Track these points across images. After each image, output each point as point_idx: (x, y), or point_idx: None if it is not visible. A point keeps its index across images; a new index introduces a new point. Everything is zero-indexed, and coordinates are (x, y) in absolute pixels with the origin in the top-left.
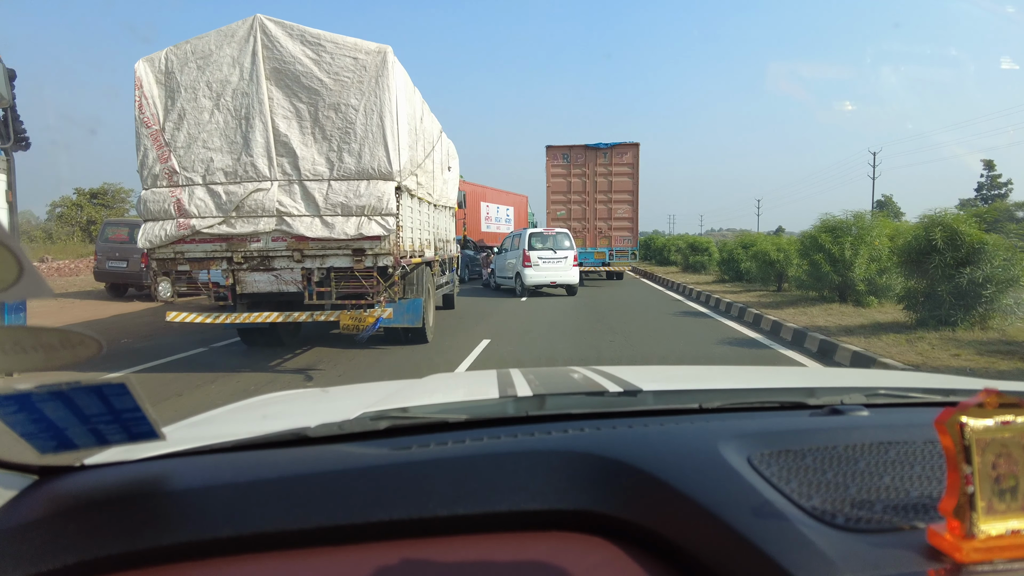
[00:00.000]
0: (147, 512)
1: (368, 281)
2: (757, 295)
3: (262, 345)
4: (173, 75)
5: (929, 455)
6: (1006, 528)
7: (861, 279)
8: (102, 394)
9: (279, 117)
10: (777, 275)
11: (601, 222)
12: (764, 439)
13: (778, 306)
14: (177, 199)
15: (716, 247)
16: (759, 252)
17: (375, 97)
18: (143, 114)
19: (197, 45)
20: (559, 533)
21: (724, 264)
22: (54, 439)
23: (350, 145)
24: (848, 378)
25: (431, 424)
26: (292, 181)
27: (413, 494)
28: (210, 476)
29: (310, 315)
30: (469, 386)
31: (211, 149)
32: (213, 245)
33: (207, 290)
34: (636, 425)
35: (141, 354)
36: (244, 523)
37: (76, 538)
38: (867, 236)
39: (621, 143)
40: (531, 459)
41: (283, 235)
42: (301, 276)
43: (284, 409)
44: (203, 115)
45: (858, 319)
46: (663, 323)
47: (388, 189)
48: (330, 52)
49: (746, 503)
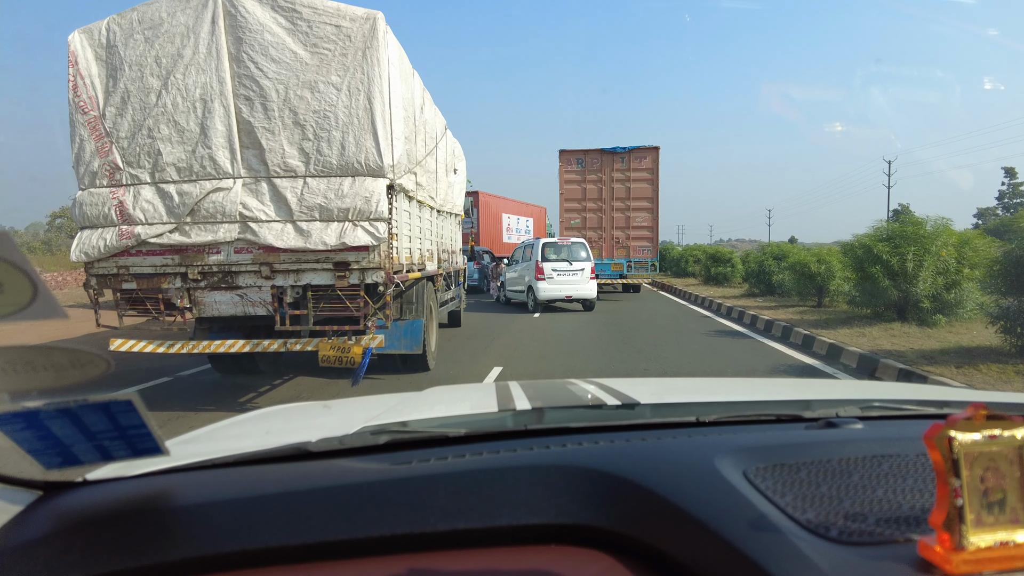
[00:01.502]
0: (153, 527)
1: (354, 302)
2: (796, 311)
3: (235, 373)
4: (115, 49)
5: (921, 468)
6: (994, 540)
7: (926, 295)
8: (109, 411)
9: (242, 99)
10: (817, 289)
11: (619, 231)
12: (760, 453)
13: (827, 325)
14: (119, 201)
15: (739, 258)
16: (797, 264)
17: (361, 74)
18: (79, 97)
19: (145, 12)
20: (558, 547)
21: (754, 276)
22: (59, 455)
23: (330, 133)
24: (844, 390)
25: (431, 438)
26: (259, 178)
27: (414, 509)
28: (214, 491)
29: (283, 343)
30: (468, 399)
31: (160, 139)
32: (163, 258)
33: (157, 313)
34: (634, 439)
35: (90, 386)
36: (248, 538)
37: (84, 554)
38: (931, 245)
39: (640, 147)
40: (530, 474)
41: (248, 245)
42: (271, 296)
43: (285, 424)
44: (150, 97)
45: (932, 342)
46: (699, 345)
47: (378, 188)
48: (307, 19)
49: (742, 517)
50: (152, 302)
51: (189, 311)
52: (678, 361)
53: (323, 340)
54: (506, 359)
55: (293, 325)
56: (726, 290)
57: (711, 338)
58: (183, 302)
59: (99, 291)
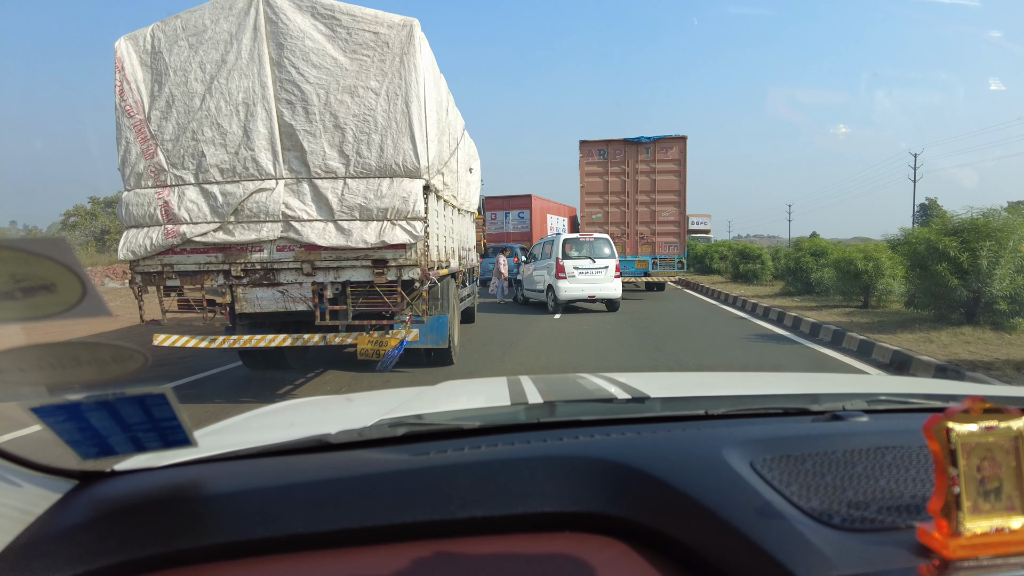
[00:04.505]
0: (185, 515)
1: (391, 297)
2: (842, 313)
3: (263, 368)
4: (160, 55)
5: (923, 459)
6: (990, 526)
7: (1003, 295)
8: (144, 404)
9: (284, 103)
10: (863, 288)
11: (643, 226)
12: (767, 445)
13: (882, 328)
14: (165, 201)
15: (768, 254)
16: (842, 261)
17: (399, 79)
18: (125, 101)
19: (189, 20)
20: (573, 534)
21: (790, 274)
22: (96, 445)
23: (369, 136)
24: (851, 384)
25: (447, 431)
26: (300, 179)
27: (433, 497)
28: (241, 481)
29: (322, 338)
30: (481, 393)
31: (204, 141)
32: (207, 256)
33: (200, 310)
34: (644, 431)
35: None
36: (275, 525)
37: (121, 539)
38: (1007, 240)
39: (666, 136)
40: (545, 464)
41: (290, 244)
42: (312, 292)
43: (308, 416)
44: (194, 101)
45: (1017, 350)
46: (742, 352)
47: (415, 188)
48: (346, 26)
49: (749, 505)
50: (194, 298)
51: (231, 307)
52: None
53: (361, 335)
54: (528, 367)
55: (332, 320)
56: (757, 288)
57: (754, 344)
58: (225, 298)
59: (143, 288)
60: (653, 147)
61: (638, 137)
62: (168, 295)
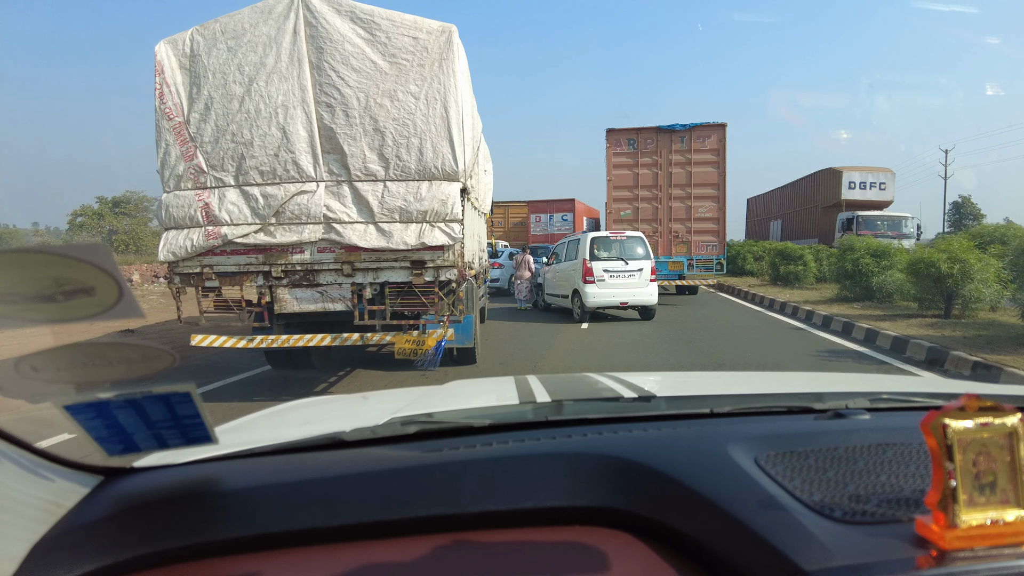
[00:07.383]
0: (205, 510)
1: (428, 298)
2: (922, 324)
3: (288, 368)
4: (199, 58)
5: (923, 455)
6: (986, 518)
7: None
8: (168, 401)
9: (323, 106)
10: (946, 295)
11: (678, 224)
12: (770, 441)
13: (992, 346)
14: (205, 203)
15: (811, 255)
16: (919, 262)
17: (438, 83)
18: (164, 104)
19: (227, 23)
20: (581, 527)
21: (847, 277)
22: (121, 442)
23: (408, 140)
24: (855, 383)
25: (457, 428)
26: (340, 182)
27: (446, 492)
28: (259, 477)
29: (360, 337)
30: (490, 392)
31: (243, 143)
32: (247, 257)
33: (239, 310)
34: (651, 429)
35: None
36: (292, 520)
37: (145, 532)
38: None
39: (703, 124)
40: (554, 461)
41: (331, 245)
42: (351, 293)
43: (323, 414)
44: (233, 103)
45: None
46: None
47: (453, 191)
48: (385, 31)
49: (752, 498)
50: (232, 299)
51: (269, 307)
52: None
53: (399, 334)
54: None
55: (370, 320)
56: (803, 292)
57: (827, 361)
58: (264, 299)
59: (181, 288)
60: (689, 136)
61: (672, 125)
62: (206, 296)
